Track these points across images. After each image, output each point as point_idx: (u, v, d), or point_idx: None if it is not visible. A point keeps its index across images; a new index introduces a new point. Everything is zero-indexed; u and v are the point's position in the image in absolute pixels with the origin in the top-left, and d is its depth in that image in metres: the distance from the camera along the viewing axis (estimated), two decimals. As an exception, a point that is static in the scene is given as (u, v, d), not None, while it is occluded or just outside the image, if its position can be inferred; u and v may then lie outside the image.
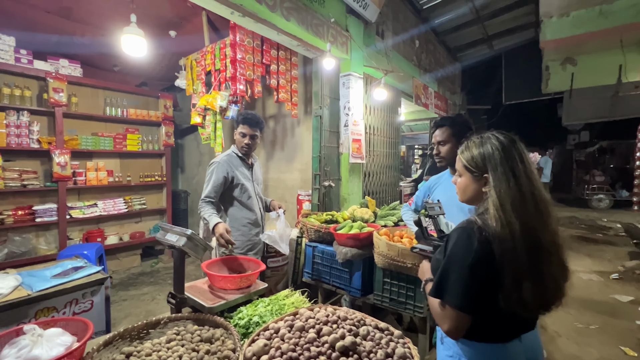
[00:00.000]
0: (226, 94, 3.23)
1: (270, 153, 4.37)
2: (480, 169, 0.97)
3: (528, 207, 0.87)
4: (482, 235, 0.87)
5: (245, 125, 2.20)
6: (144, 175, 4.80)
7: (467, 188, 1.03)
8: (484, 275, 0.87)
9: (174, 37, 3.94)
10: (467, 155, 1.01)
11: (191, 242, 1.45)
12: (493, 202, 0.89)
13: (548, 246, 0.87)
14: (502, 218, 0.86)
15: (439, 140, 1.77)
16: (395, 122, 4.95)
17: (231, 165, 2.23)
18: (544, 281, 0.86)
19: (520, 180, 0.89)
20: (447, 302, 0.90)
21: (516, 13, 5.85)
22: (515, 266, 0.84)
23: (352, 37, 3.44)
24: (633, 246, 5.48)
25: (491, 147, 0.95)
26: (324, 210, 3.33)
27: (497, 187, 0.90)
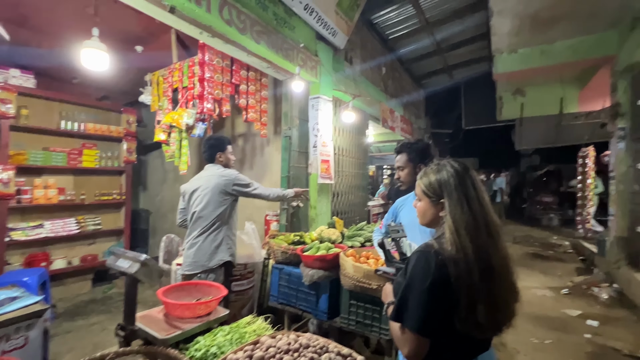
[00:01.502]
0: (193, 111, 3.17)
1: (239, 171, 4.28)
2: (437, 195, 1.01)
3: (480, 232, 0.92)
4: (438, 259, 0.90)
5: (231, 145, 2.61)
6: (101, 194, 4.49)
7: (426, 212, 1.07)
8: (441, 298, 0.89)
9: (141, 52, 3.85)
10: (425, 181, 1.06)
11: (145, 268, 1.36)
12: (449, 227, 0.93)
13: (499, 269, 0.92)
14: (457, 242, 0.90)
15: (399, 166, 1.86)
16: (363, 143, 5.10)
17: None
18: (496, 303, 0.90)
19: (473, 206, 0.94)
20: (406, 326, 0.91)
21: (472, 47, 6.41)
22: (470, 289, 0.87)
23: (321, 61, 3.56)
24: (579, 262, 5.92)
25: (447, 174, 1.00)
26: (292, 230, 3.30)
27: (452, 212, 0.95)
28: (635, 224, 4.11)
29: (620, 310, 3.78)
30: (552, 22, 4.43)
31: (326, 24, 3.49)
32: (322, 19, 3.41)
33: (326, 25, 3.51)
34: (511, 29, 4.67)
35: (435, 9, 5.07)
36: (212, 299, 1.65)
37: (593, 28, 4.56)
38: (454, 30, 5.59)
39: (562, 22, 4.45)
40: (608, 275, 4.57)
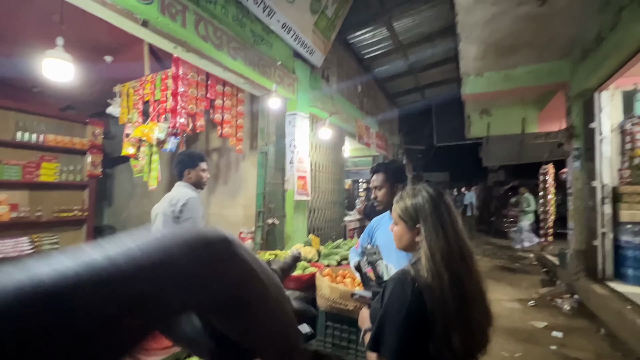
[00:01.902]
0: (165, 125, 3.06)
1: (212, 187, 4.17)
2: (413, 220, 1.02)
3: (455, 258, 0.92)
4: (415, 287, 0.89)
5: (205, 162, 2.37)
6: (60, 210, 4.17)
7: (402, 237, 1.07)
8: (417, 327, 0.88)
9: (110, 62, 3.71)
10: (401, 205, 1.06)
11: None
12: (425, 253, 0.93)
13: (473, 295, 0.92)
14: (432, 269, 0.90)
15: (375, 185, 1.86)
16: (340, 159, 5.15)
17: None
18: (471, 330, 0.90)
19: (447, 232, 0.95)
20: (383, 356, 0.89)
21: (442, 69, 6.75)
22: (445, 317, 0.86)
23: (298, 79, 3.60)
24: (543, 274, 6.22)
25: (422, 199, 1.01)
26: (267, 248, 3.22)
27: (427, 237, 0.95)
28: (591, 237, 4.39)
29: (581, 321, 3.97)
30: (514, 50, 4.78)
31: (304, 42, 3.54)
32: (300, 37, 3.46)
33: (303, 44, 3.56)
34: (477, 54, 4.98)
35: (407, 32, 5.32)
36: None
37: (549, 57, 4.97)
38: (425, 53, 5.89)
39: (522, 50, 4.81)
40: (569, 287, 4.82)
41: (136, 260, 0.18)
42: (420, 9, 4.81)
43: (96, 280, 0.17)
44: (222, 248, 0.22)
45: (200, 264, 0.20)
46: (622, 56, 3.45)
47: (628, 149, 4.27)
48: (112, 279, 0.17)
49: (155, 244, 0.19)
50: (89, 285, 0.16)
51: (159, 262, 0.19)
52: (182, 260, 0.19)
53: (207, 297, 0.21)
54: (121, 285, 0.17)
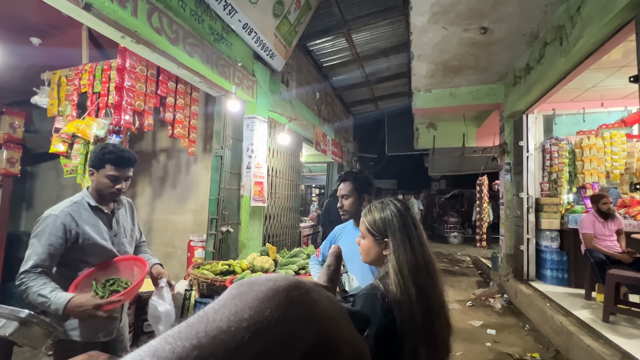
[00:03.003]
0: (105, 122, 2.74)
1: (159, 191, 3.84)
2: (381, 233, 1.02)
3: (421, 271, 0.94)
4: (384, 302, 0.89)
5: (119, 167, 1.59)
6: (-38, 214, 3.49)
7: (370, 250, 1.06)
8: (387, 342, 0.87)
9: (37, 45, 3.22)
10: (369, 219, 1.06)
11: (26, 328, 1.05)
12: (393, 267, 0.93)
13: (437, 306, 0.94)
14: (400, 283, 0.90)
15: (343, 194, 1.84)
16: (297, 165, 5.12)
17: (76, 218, 1.56)
18: (436, 342, 0.92)
19: (414, 246, 0.97)
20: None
21: (395, 82, 7.13)
22: (413, 331, 0.87)
23: (258, 82, 3.50)
24: (479, 276, 6.84)
25: (390, 213, 1.02)
26: (220, 258, 3.04)
27: (396, 252, 0.96)
28: (519, 242, 4.95)
29: (511, 318, 4.43)
30: (459, 71, 5.23)
31: (264, 45, 3.46)
32: (261, 39, 3.37)
33: (264, 47, 3.48)
34: (427, 72, 5.35)
35: (365, 45, 5.52)
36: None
37: (487, 79, 5.53)
38: (380, 65, 6.16)
39: (465, 72, 5.29)
40: (500, 287, 5.35)
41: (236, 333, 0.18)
42: (379, 24, 5.03)
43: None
44: (299, 294, 0.22)
45: (288, 318, 0.20)
46: (545, 85, 3.97)
47: (547, 165, 4.92)
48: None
49: (237, 308, 0.20)
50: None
51: (254, 327, 0.19)
52: (273, 319, 0.20)
53: (299, 345, 0.21)
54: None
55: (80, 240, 1.56)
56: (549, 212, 4.64)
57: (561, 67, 3.44)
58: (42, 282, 1.39)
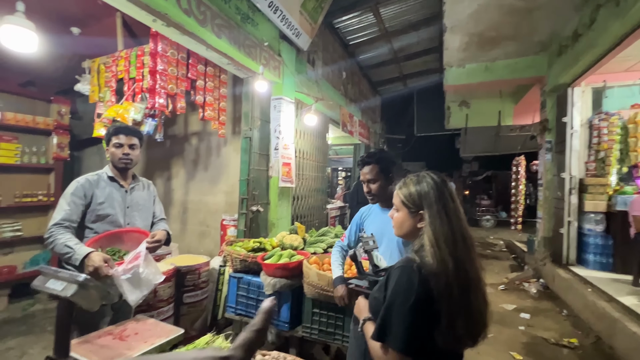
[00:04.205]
0: (142, 106, 2.87)
1: (192, 173, 4.01)
2: (416, 206, 1.01)
3: (458, 244, 0.93)
4: (421, 274, 0.89)
5: (120, 135, 1.85)
6: (22, 195, 3.87)
7: (404, 223, 1.05)
8: (425, 315, 0.87)
9: (78, 35, 3.39)
10: (405, 192, 1.05)
11: (84, 290, 1.16)
12: (429, 239, 0.93)
13: (475, 281, 0.93)
14: (437, 254, 0.90)
15: (369, 179, 1.74)
16: (323, 146, 5.11)
17: (94, 186, 1.80)
18: (473, 315, 0.91)
19: (451, 218, 0.95)
20: (390, 346, 0.89)
21: (426, 58, 6.79)
22: (450, 303, 0.87)
23: (284, 62, 3.47)
24: (512, 260, 6.60)
25: (427, 185, 1.00)
26: (251, 236, 3.15)
27: (432, 224, 0.95)
28: (558, 225, 4.67)
29: (547, 303, 4.26)
30: (496, 42, 4.87)
31: (290, 23, 3.41)
32: (287, 18, 3.32)
33: (290, 25, 3.42)
34: (460, 45, 5.03)
35: (394, 19, 5.26)
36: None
37: (528, 51, 5.11)
38: (410, 41, 5.87)
39: (503, 43, 4.91)
40: (536, 272, 5.14)
41: None
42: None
43: None
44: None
45: None
46: (596, 53, 3.60)
47: (595, 143, 4.53)
48: None
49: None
50: None
51: None
52: None
53: None
54: None
55: (93, 205, 1.79)
56: (594, 193, 4.31)
57: (616, 32, 3.09)
58: (68, 236, 1.64)
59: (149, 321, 1.64)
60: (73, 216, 1.72)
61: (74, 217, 1.73)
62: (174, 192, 4.14)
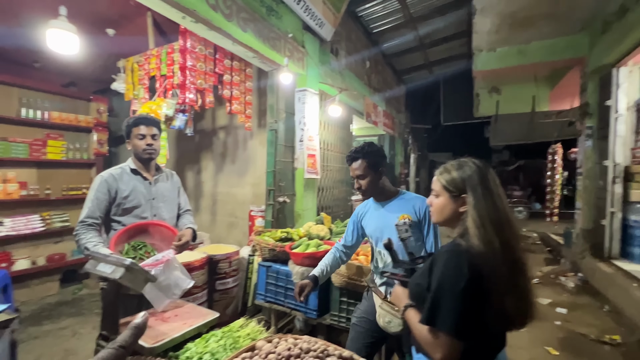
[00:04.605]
0: (173, 102, 2.99)
1: (220, 166, 4.14)
2: (459, 190, 1.01)
3: (504, 226, 0.93)
4: (469, 257, 0.90)
5: (141, 126, 1.82)
6: (69, 188, 4.18)
7: (445, 208, 1.06)
8: (475, 297, 0.88)
9: (112, 35, 3.57)
10: (446, 177, 1.06)
11: (130, 273, 1.25)
12: (474, 221, 0.93)
13: (521, 260, 0.94)
14: (483, 236, 0.90)
15: (358, 174, 1.69)
16: (347, 137, 5.08)
17: (117, 180, 1.80)
18: (522, 295, 0.92)
19: (495, 200, 0.96)
20: (441, 330, 0.90)
21: (453, 44, 6.52)
22: (500, 283, 0.88)
23: (308, 53, 3.47)
24: (547, 253, 6.29)
25: (469, 170, 1.02)
26: (278, 226, 3.22)
27: (476, 206, 0.95)
28: (599, 217, 4.39)
29: (586, 298, 4.04)
30: (530, 22, 4.58)
31: (313, 14, 3.39)
32: (310, 8, 3.30)
33: (313, 16, 3.41)
34: (491, 27, 4.78)
35: (419, 4, 5.08)
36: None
37: (566, 30, 4.76)
38: (436, 26, 5.65)
39: (538, 23, 4.61)
40: (574, 265, 4.87)
41: None
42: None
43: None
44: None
45: None
46: (647, 29, 3.29)
47: (643, 127, 4.17)
48: None
49: None
50: None
51: None
52: None
53: None
54: None
55: (118, 199, 1.78)
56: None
57: (671, 4, 2.81)
58: (90, 236, 1.66)
59: (187, 305, 1.73)
60: (96, 213, 1.73)
61: (97, 214, 1.73)
62: (204, 185, 4.31)
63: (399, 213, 1.67)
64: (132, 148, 1.87)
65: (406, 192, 1.79)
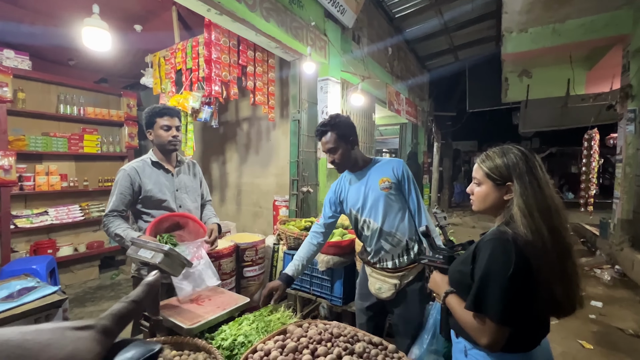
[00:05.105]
0: (199, 94, 3.06)
1: (244, 157, 4.22)
2: (504, 178, 0.99)
3: (552, 213, 0.91)
4: (517, 245, 0.89)
5: (166, 117, 1.81)
6: (104, 180, 4.42)
7: (488, 196, 1.04)
8: (523, 284, 0.88)
9: (140, 31, 3.68)
10: (489, 164, 1.03)
11: (169, 258, 1.32)
12: (521, 210, 0.92)
13: (570, 247, 0.92)
14: (531, 225, 0.89)
15: (330, 147, 1.64)
16: (369, 127, 5.02)
17: (140, 173, 1.80)
18: (571, 282, 0.91)
19: (543, 188, 0.93)
20: (488, 316, 0.91)
21: (480, 26, 6.21)
22: (548, 271, 0.87)
23: (330, 41, 3.43)
24: (580, 244, 6.00)
25: (514, 157, 0.98)
26: (302, 216, 3.27)
27: (523, 194, 0.93)
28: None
29: (623, 291, 3.85)
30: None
31: (335, 1, 3.33)
32: (331, -5, 3.25)
33: (335, 2, 3.35)
34: (523, 6, 4.50)
35: (444, -15, 4.87)
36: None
37: (607, 5, 4.41)
38: (462, 8, 5.40)
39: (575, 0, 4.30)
40: (610, 257, 4.63)
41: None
42: (461, -44, 4.34)
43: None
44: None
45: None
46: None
47: (694, 109, 3.84)
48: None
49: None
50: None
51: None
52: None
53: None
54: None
55: (142, 192, 1.79)
56: (691, 168, 3.70)
57: None
58: (118, 223, 1.71)
59: (219, 290, 1.81)
60: (120, 206, 1.76)
61: (122, 207, 1.77)
62: (229, 176, 4.42)
63: (378, 177, 1.66)
64: (154, 139, 1.84)
65: (380, 158, 1.76)
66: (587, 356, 2.66)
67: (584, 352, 2.71)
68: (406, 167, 1.71)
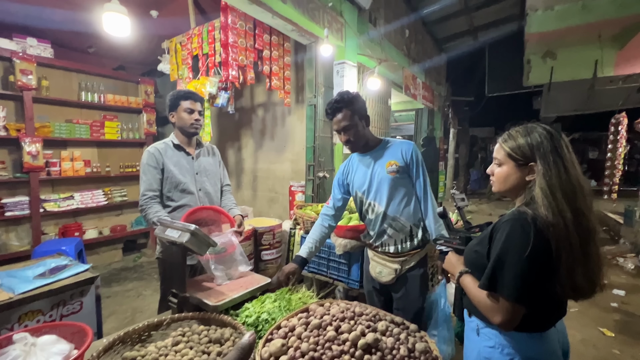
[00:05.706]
0: (215, 80, 3.07)
1: (260, 142, 4.24)
2: (526, 158, 0.96)
3: (577, 194, 0.89)
4: (536, 226, 0.87)
5: (190, 100, 1.88)
6: (124, 166, 4.54)
7: (509, 177, 1.01)
8: (540, 265, 0.87)
9: (156, 17, 3.68)
10: (512, 144, 1.00)
11: (195, 238, 1.36)
12: (543, 190, 0.89)
13: (593, 230, 0.90)
14: (553, 206, 0.87)
15: (345, 125, 1.58)
16: (385, 112, 4.94)
17: (163, 154, 1.85)
18: (592, 265, 0.89)
19: (569, 169, 0.90)
20: (502, 295, 0.90)
21: (503, 5, 5.93)
22: (569, 253, 0.86)
23: (346, 23, 3.35)
24: (604, 233, 5.83)
25: (539, 136, 0.95)
26: (318, 201, 3.29)
27: (546, 175, 0.90)
28: (670, 193, 3.95)
29: (648, 280, 3.75)
30: (599, -28, 4.01)
31: (352, -20, 3.23)
32: (348, -26, 3.15)
33: (352, -18, 3.25)
34: (550, -18, 4.26)
35: (466, -39, 4.63)
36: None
37: (644, -21, 4.12)
38: (484, -15, 5.15)
39: (609, -27, 4.02)
40: (634, 246, 4.49)
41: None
42: None
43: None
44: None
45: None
46: None
47: None
48: None
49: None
50: None
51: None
52: None
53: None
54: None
55: (165, 174, 1.83)
56: None
57: None
58: (155, 209, 1.75)
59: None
60: (154, 185, 1.79)
61: (155, 185, 1.79)
62: (245, 162, 4.46)
63: (386, 160, 1.63)
64: (177, 121, 1.90)
65: (391, 139, 1.73)
66: (608, 344, 2.62)
67: (604, 340, 2.68)
68: (417, 150, 1.66)
